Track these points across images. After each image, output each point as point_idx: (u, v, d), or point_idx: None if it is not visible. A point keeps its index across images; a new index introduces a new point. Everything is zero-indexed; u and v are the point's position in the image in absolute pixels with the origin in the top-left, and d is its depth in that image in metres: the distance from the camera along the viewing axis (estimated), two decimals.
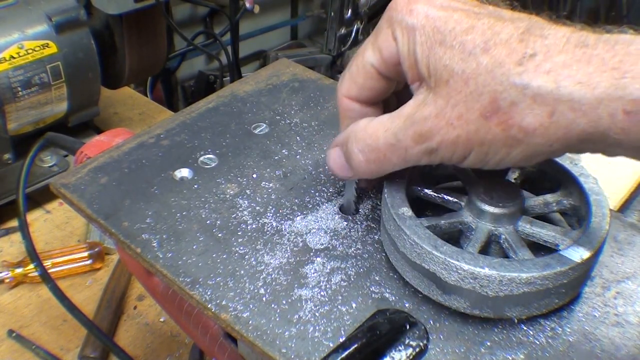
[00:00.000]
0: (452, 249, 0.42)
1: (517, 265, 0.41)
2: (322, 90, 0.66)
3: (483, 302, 0.42)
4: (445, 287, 0.43)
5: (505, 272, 0.41)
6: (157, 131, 0.60)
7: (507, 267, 0.41)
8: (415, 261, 0.44)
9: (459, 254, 0.42)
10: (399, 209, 0.46)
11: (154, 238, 0.49)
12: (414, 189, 0.50)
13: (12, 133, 0.92)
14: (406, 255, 0.44)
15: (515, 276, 0.41)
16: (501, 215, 0.46)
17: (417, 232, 0.44)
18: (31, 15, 0.91)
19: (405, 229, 0.44)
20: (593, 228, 0.44)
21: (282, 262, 0.48)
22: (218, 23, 1.83)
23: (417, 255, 0.43)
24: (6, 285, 0.88)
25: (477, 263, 0.41)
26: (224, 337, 0.54)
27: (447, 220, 0.47)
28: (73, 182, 0.54)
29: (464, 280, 0.42)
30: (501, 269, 0.41)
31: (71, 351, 0.81)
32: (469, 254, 0.42)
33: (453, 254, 0.42)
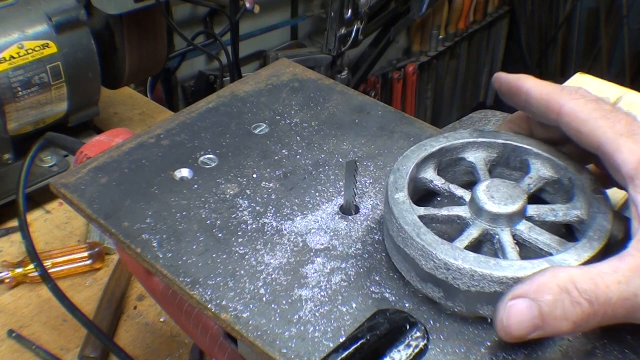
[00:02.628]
0: (433, 238, 0.43)
1: (492, 264, 0.41)
2: (322, 90, 0.66)
3: (455, 295, 0.43)
4: (422, 275, 0.44)
5: (477, 268, 0.41)
6: (157, 131, 0.60)
7: (481, 264, 0.41)
8: (399, 245, 0.45)
9: (438, 244, 0.43)
10: (396, 193, 0.46)
11: (154, 238, 0.49)
12: (422, 178, 0.50)
13: (12, 133, 0.92)
14: (392, 238, 0.45)
15: (487, 273, 0.41)
16: (499, 215, 0.46)
17: (405, 217, 0.44)
18: (31, 15, 0.91)
19: (395, 212, 0.45)
20: (589, 239, 0.44)
21: (282, 262, 0.48)
22: (218, 23, 1.83)
23: (402, 240, 0.44)
24: (6, 285, 0.88)
25: (452, 255, 0.42)
26: (224, 337, 0.54)
27: (445, 212, 0.47)
28: (73, 182, 0.54)
29: (438, 270, 0.42)
30: (475, 264, 0.41)
31: (71, 351, 0.81)
32: (447, 246, 0.43)
33: (432, 242, 0.43)
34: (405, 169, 0.49)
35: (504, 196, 0.46)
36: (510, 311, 0.39)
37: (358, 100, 0.65)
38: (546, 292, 0.38)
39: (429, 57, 2.82)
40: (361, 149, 0.59)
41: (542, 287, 0.39)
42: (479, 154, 0.52)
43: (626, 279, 0.38)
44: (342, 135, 0.60)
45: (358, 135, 0.60)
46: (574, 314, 0.38)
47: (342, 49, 1.81)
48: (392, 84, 2.69)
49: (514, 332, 0.39)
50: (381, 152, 0.58)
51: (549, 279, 0.39)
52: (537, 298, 0.38)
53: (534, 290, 0.39)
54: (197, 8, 1.79)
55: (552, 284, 0.39)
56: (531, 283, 0.39)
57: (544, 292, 0.38)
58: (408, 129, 0.61)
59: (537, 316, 0.38)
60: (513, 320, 0.39)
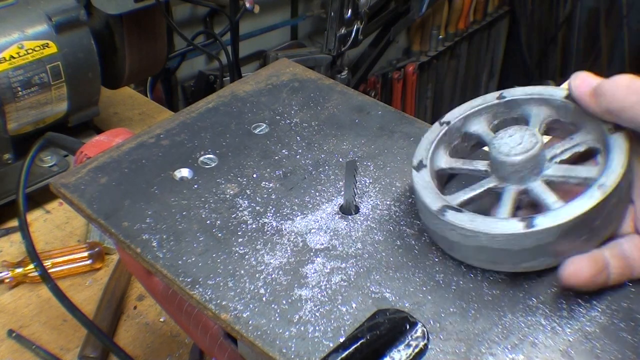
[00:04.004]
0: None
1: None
2: (322, 90, 0.66)
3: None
4: None
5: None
6: (157, 131, 0.60)
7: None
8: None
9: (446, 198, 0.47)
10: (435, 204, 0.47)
11: (154, 238, 0.49)
12: (439, 168, 0.52)
13: (12, 133, 0.92)
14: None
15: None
16: (521, 168, 0.46)
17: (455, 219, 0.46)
18: (31, 15, 0.91)
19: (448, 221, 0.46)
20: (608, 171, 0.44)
21: (282, 262, 0.48)
22: (218, 23, 1.83)
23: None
24: (6, 285, 0.88)
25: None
26: (224, 337, 0.54)
27: (478, 190, 0.48)
28: (73, 182, 0.54)
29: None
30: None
31: (71, 351, 0.81)
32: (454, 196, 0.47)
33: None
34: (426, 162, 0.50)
35: (518, 147, 0.47)
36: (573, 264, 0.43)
37: (358, 100, 0.65)
38: None
39: (429, 57, 2.82)
40: (361, 149, 0.59)
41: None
42: (480, 122, 0.53)
43: None
44: (342, 135, 0.60)
45: (358, 135, 0.60)
46: None
47: (342, 49, 1.81)
48: (392, 84, 2.69)
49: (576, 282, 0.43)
50: (381, 152, 0.58)
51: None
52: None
53: None
54: (197, 8, 1.79)
55: None
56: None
57: None
58: (408, 129, 0.61)
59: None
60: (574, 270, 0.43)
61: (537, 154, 0.46)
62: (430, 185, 0.48)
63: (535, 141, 0.47)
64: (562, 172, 0.47)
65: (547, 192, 0.46)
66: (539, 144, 0.47)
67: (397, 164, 0.57)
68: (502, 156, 0.47)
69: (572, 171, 0.47)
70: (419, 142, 0.52)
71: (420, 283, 0.46)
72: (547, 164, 0.47)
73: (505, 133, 0.48)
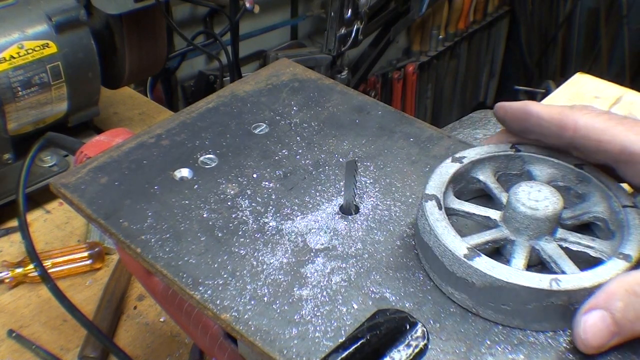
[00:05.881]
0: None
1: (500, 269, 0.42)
2: (322, 90, 0.66)
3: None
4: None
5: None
6: (157, 131, 0.60)
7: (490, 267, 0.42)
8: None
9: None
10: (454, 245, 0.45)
11: (154, 238, 0.49)
12: (448, 207, 0.49)
13: (12, 133, 0.92)
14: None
15: None
16: (542, 224, 0.45)
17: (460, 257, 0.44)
18: (31, 15, 0.91)
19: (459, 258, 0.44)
20: (630, 234, 0.45)
21: (283, 262, 0.48)
22: (218, 23, 1.83)
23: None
24: (6, 285, 0.88)
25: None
26: (224, 337, 0.54)
27: (489, 237, 0.47)
28: (73, 182, 0.54)
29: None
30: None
31: (71, 351, 0.81)
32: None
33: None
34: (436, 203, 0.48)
35: (542, 202, 0.46)
36: (586, 325, 0.41)
37: (358, 100, 0.65)
38: (616, 299, 0.40)
39: (429, 57, 2.82)
40: (361, 149, 0.59)
41: (611, 295, 0.41)
42: (487, 171, 0.52)
43: None
44: (342, 135, 0.60)
45: (358, 135, 0.60)
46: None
47: (342, 49, 1.81)
48: (392, 84, 2.69)
49: (593, 343, 0.41)
50: (381, 152, 0.58)
51: (616, 286, 0.41)
52: (609, 307, 0.40)
53: (604, 299, 0.41)
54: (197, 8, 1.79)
55: (620, 290, 0.41)
56: (600, 293, 0.41)
57: (614, 299, 0.40)
58: (408, 129, 0.61)
59: (612, 324, 0.40)
60: (590, 332, 0.41)
61: (559, 212, 0.46)
62: (449, 226, 0.46)
63: (557, 200, 0.46)
64: (575, 238, 0.47)
65: (562, 256, 0.45)
66: (560, 202, 0.46)
67: (397, 164, 0.57)
68: (524, 208, 0.46)
69: (585, 239, 0.47)
70: (432, 173, 0.50)
71: (420, 283, 0.46)
72: (559, 228, 0.47)
73: (527, 186, 0.47)
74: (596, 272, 0.43)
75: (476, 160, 0.52)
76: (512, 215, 0.46)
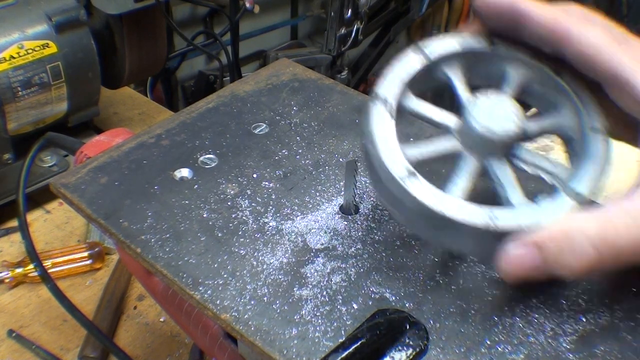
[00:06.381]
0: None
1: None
2: (322, 90, 0.66)
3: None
4: None
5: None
6: (157, 131, 0.60)
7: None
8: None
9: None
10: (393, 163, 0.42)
11: (154, 238, 0.49)
12: (406, 106, 0.46)
13: (12, 133, 0.92)
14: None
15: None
16: (495, 146, 0.42)
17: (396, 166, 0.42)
18: (31, 15, 0.91)
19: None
20: (590, 165, 0.42)
21: (283, 262, 0.48)
22: (218, 23, 1.83)
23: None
24: (6, 285, 0.88)
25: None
26: (224, 337, 0.54)
27: (433, 148, 0.44)
28: (73, 182, 0.54)
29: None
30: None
31: (71, 351, 0.80)
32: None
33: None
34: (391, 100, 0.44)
35: (500, 121, 0.42)
36: (512, 255, 0.40)
37: (358, 100, 0.65)
38: (551, 241, 0.39)
39: None
40: (361, 149, 0.59)
41: (548, 236, 0.39)
42: (455, 66, 0.48)
43: (636, 221, 0.38)
44: (342, 135, 0.60)
45: (358, 135, 0.60)
46: (578, 261, 0.38)
47: (342, 49, 1.81)
48: None
49: (513, 274, 0.40)
50: None
51: (555, 228, 0.39)
52: (542, 246, 0.39)
53: (540, 239, 0.39)
54: (197, 8, 1.79)
55: (558, 232, 0.39)
56: (537, 232, 0.39)
57: (550, 241, 0.39)
58: (408, 129, 0.61)
59: (539, 262, 0.39)
60: (514, 263, 0.40)
61: (514, 136, 0.42)
62: (394, 138, 0.42)
63: (517, 119, 0.42)
64: (532, 159, 0.44)
65: (511, 181, 0.43)
66: (520, 123, 0.42)
67: None
68: (479, 127, 0.42)
69: (542, 161, 0.44)
70: (391, 67, 0.46)
71: (420, 283, 0.46)
72: (516, 144, 0.44)
73: (484, 98, 0.43)
74: (538, 209, 0.41)
75: (445, 56, 0.47)
76: (466, 130, 0.43)
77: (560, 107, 0.46)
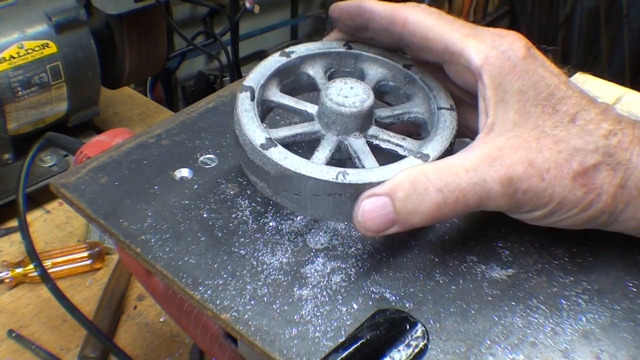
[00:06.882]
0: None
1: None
2: None
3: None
4: None
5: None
6: (157, 131, 0.60)
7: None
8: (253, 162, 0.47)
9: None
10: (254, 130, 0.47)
11: (154, 238, 0.49)
12: (269, 100, 0.51)
13: (12, 133, 0.92)
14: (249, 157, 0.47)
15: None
16: (348, 120, 0.47)
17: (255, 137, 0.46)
18: (31, 15, 0.91)
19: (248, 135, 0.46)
20: (438, 135, 0.47)
21: (283, 262, 0.48)
22: (218, 23, 1.83)
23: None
24: (6, 285, 0.88)
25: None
26: (224, 337, 0.54)
27: (299, 130, 0.48)
28: (73, 182, 0.54)
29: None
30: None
31: (71, 351, 0.81)
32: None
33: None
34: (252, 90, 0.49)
35: (351, 98, 0.47)
36: (364, 209, 0.43)
37: None
38: (399, 189, 0.42)
39: None
40: None
41: (395, 185, 0.42)
42: (317, 66, 0.53)
43: (474, 166, 0.42)
44: None
45: None
46: (426, 205, 0.42)
47: None
48: None
49: (371, 227, 0.43)
50: None
51: (401, 177, 0.43)
52: (391, 195, 0.42)
53: (388, 188, 0.43)
54: (197, 8, 1.79)
55: (404, 180, 0.42)
56: (386, 183, 0.43)
57: (397, 189, 0.42)
58: None
59: (391, 211, 0.42)
60: (367, 216, 0.43)
61: (366, 110, 0.47)
62: (255, 117, 0.47)
63: (367, 97, 0.47)
64: (386, 137, 0.48)
65: (366, 152, 0.47)
66: (369, 100, 0.47)
67: None
68: (331, 104, 0.47)
69: (395, 138, 0.48)
70: (256, 66, 0.52)
71: (420, 283, 0.46)
72: (373, 126, 0.49)
73: (340, 82, 0.48)
74: (387, 168, 0.44)
75: (306, 56, 0.53)
76: (322, 110, 0.48)
77: (412, 97, 0.52)
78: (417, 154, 0.45)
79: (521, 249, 0.49)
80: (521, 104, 0.44)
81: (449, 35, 0.46)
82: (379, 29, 0.50)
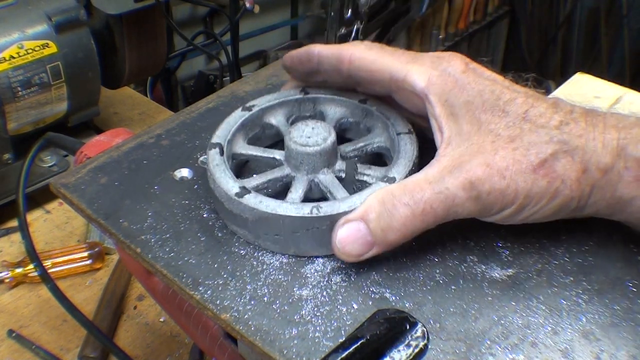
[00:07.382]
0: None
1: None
2: None
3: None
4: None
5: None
6: (157, 131, 0.60)
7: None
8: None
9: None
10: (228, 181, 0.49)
11: (154, 238, 0.49)
12: (237, 153, 0.53)
13: (12, 133, 0.92)
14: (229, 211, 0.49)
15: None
16: (315, 159, 0.49)
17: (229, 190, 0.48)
18: (31, 15, 0.91)
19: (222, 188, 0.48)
20: (401, 159, 0.49)
21: (283, 262, 0.48)
22: (218, 23, 1.83)
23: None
24: (6, 285, 0.88)
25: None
26: (224, 337, 0.54)
27: (270, 176, 0.50)
28: (73, 182, 0.54)
29: None
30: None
31: (71, 351, 0.81)
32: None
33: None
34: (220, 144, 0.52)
35: (313, 138, 0.50)
36: (341, 236, 0.45)
37: None
38: (371, 211, 0.44)
39: None
40: None
41: (367, 208, 0.44)
42: (279, 115, 0.56)
43: (436, 178, 0.44)
44: None
45: None
46: (397, 220, 0.44)
47: None
48: None
49: (351, 252, 0.45)
50: None
51: (370, 199, 0.45)
52: (364, 218, 0.44)
53: (360, 213, 0.45)
54: (197, 8, 1.79)
55: (374, 202, 0.44)
56: (358, 208, 0.45)
57: (369, 212, 0.44)
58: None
59: (367, 233, 0.44)
60: (345, 242, 0.44)
61: (329, 147, 0.49)
62: (226, 170, 0.49)
63: (329, 135, 0.50)
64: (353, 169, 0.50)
65: (336, 185, 0.49)
66: (331, 137, 0.50)
67: None
68: (296, 146, 0.49)
69: (362, 168, 0.50)
70: (221, 122, 0.54)
71: (420, 283, 0.46)
72: (339, 161, 0.51)
73: (302, 125, 0.51)
74: (357, 195, 0.46)
75: (266, 107, 0.55)
76: (289, 153, 0.50)
77: (372, 128, 0.54)
78: (383, 178, 0.47)
79: (521, 249, 0.49)
80: (470, 113, 0.46)
81: (391, 64, 0.48)
82: (329, 69, 0.52)
